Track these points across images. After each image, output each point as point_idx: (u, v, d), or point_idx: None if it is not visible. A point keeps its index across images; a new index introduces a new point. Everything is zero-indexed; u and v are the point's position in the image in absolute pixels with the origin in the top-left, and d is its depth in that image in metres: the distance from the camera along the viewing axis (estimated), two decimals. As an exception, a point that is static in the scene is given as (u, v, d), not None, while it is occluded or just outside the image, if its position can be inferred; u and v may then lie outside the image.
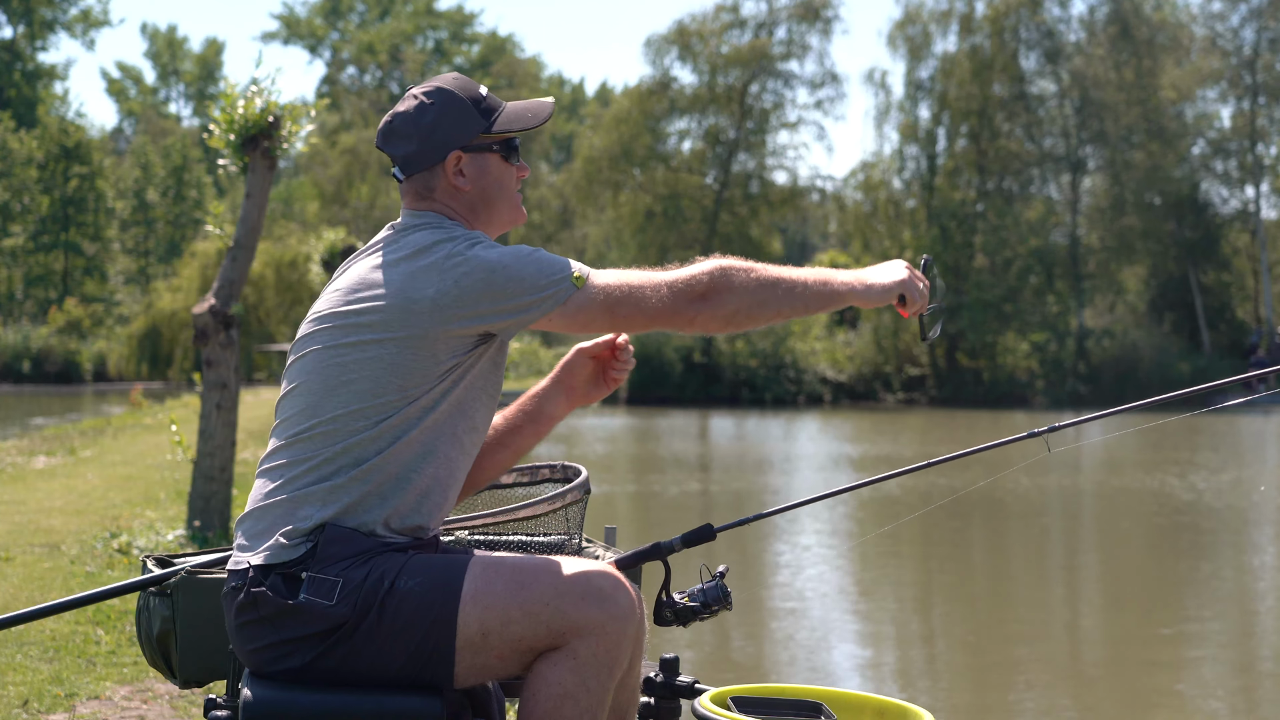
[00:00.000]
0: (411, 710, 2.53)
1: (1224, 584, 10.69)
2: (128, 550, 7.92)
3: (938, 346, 41.03)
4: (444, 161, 2.75)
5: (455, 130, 2.75)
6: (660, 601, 2.72)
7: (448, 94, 2.77)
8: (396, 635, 2.52)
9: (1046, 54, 43.23)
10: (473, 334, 2.62)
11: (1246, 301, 45.13)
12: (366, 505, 2.61)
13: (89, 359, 42.60)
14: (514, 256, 2.63)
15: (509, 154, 2.80)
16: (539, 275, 2.61)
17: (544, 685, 2.51)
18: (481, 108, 2.77)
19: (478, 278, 2.60)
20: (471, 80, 2.84)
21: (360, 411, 2.60)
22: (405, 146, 2.77)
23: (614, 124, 43.86)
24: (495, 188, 2.79)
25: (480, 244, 2.65)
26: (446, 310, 2.59)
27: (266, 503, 2.65)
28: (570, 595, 2.51)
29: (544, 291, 2.61)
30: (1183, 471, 18.20)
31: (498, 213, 2.81)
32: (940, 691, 7.11)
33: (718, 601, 2.74)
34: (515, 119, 2.79)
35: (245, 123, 7.98)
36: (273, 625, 2.56)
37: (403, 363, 2.59)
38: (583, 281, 2.62)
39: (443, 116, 2.75)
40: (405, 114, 2.77)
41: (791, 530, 12.88)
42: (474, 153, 2.76)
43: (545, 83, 74.78)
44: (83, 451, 15.41)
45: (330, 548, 2.57)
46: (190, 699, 4.86)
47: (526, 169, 2.87)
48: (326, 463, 2.61)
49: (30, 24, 62.96)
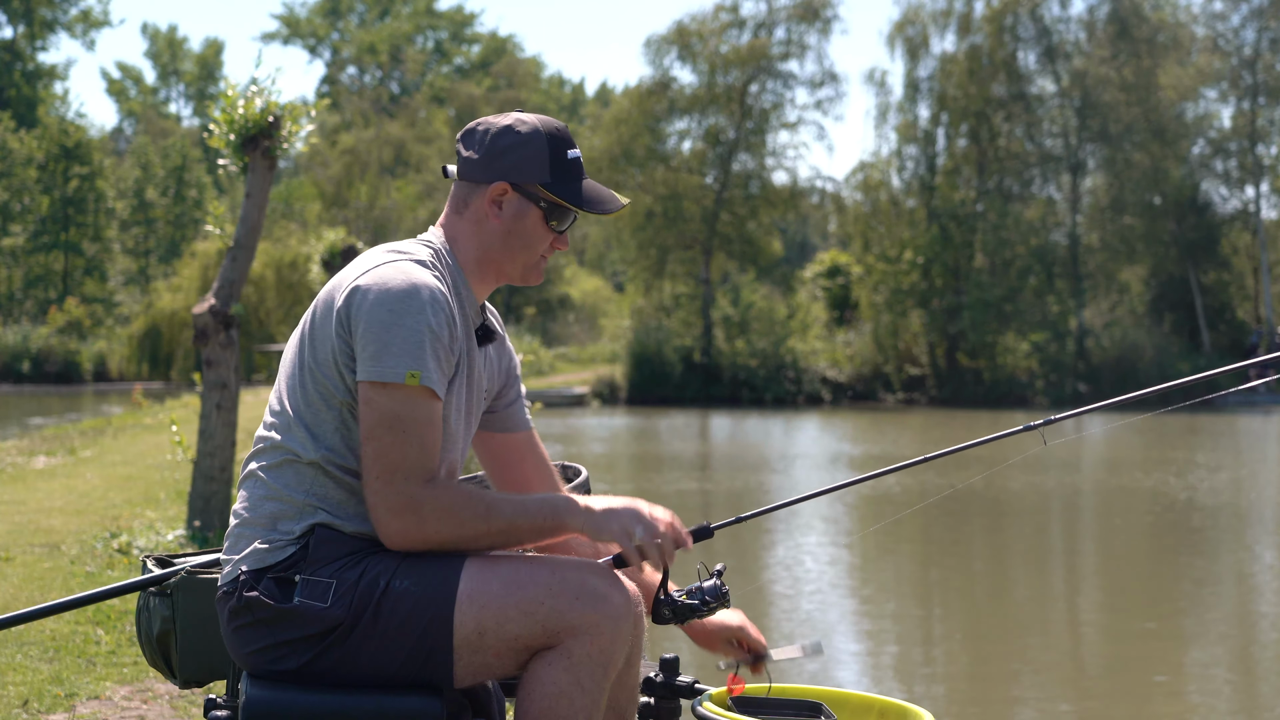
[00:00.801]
0: (411, 710, 2.53)
1: (1223, 583, 10.70)
2: (128, 550, 7.92)
3: (938, 346, 41.03)
4: (490, 185, 2.71)
5: (520, 165, 2.70)
6: (659, 600, 2.71)
7: (536, 132, 2.72)
8: (393, 635, 2.52)
9: (1046, 54, 43.23)
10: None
11: (1246, 301, 45.12)
12: (352, 504, 2.61)
13: (89, 359, 42.59)
14: (395, 316, 2.54)
15: (555, 217, 2.72)
16: (390, 345, 2.53)
17: (539, 685, 2.52)
18: (558, 163, 2.71)
19: (367, 308, 2.55)
20: (569, 138, 2.76)
21: (327, 415, 2.62)
22: (471, 152, 2.74)
23: (614, 124, 43.85)
24: (521, 239, 2.72)
25: (411, 280, 2.56)
26: (343, 334, 2.60)
27: (254, 504, 2.66)
28: (565, 595, 2.51)
29: (382, 358, 2.52)
30: (1182, 470, 18.19)
31: (513, 263, 2.74)
32: (940, 691, 7.11)
33: (716, 599, 2.73)
34: (580, 193, 2.72)
35: (245, 123, 7.98)
36: (268, 628, 2.56)
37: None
38: (415, 380, 2.52)
39: (519, 147, 2.71)
40: (492, 124, 2.75)
41: (791, 529, 12.88)
42: (523, 196, 2.71)
43: (545, 83, 74.80)
44: (83, 451, 15.40)
45: (322, 549, 2.57)
46: (190, 699, 4.86)
47: (566, 243, 2.79)
48: (310, 465, 2.61)
49: (30, 24, 62.96)
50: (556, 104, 74.67)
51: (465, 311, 2.71)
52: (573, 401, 35.30)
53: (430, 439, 2.56)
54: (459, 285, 2.71)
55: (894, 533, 13.30)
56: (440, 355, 2.56)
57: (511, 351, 2.94)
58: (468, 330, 2.71)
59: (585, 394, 36.87)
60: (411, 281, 2.57)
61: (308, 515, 2.60)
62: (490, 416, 2.89)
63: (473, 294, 2.74)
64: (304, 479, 2.61)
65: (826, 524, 13.48)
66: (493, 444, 2.91)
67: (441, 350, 2.57)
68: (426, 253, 2.69)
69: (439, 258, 2.70)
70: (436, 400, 2.56)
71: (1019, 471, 18.32)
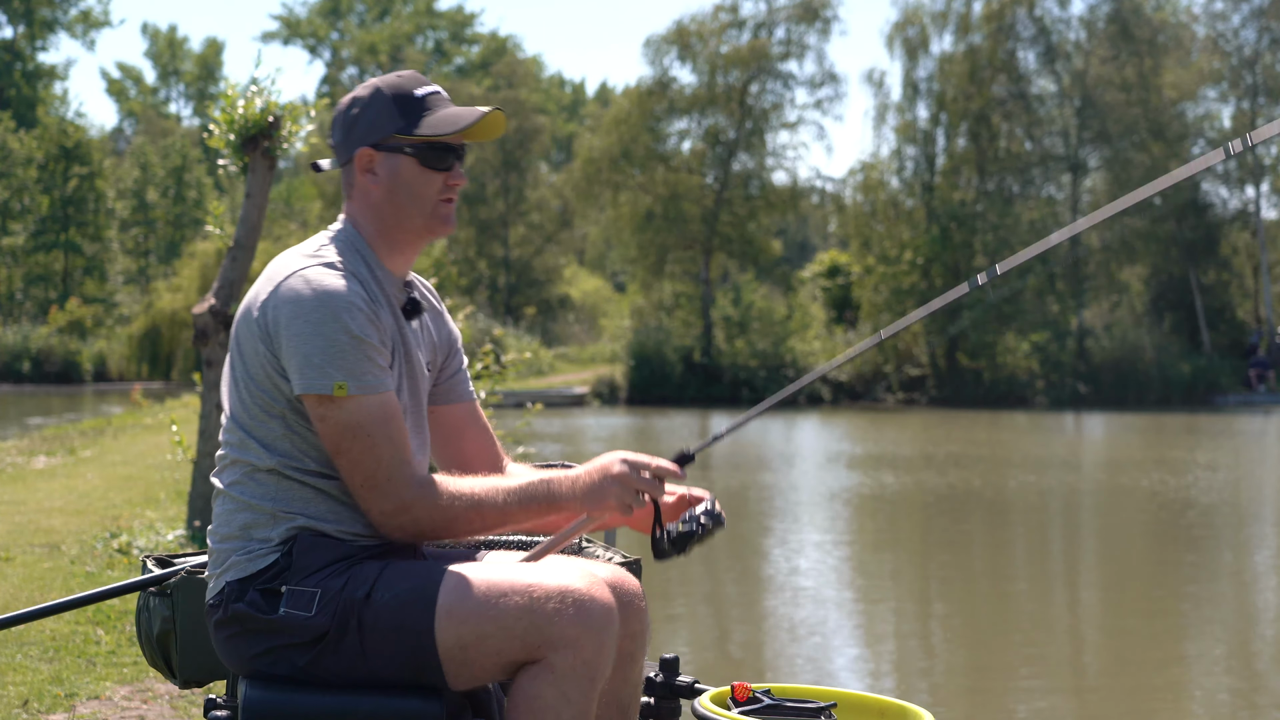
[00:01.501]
0: (411, 710, 2.53)
1: (1224, 582, 10.70)
2: (128, 550, 7.92)
3: (938, 347, 41.01)
4: (355, 157, 2.68)
5: (371, 126, 2.66)
6: (655, 538, 2.67)
7: (377, 90, 2.68)
8: (380, 645, 2.51)
9: (1046, 54, 43.22)
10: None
11: (1246, 301, 45.11)
12: (322, 504, 2.60)
13: (89, 359, 42.56)
14: (312, 328, 2.52)
15: (429, 159, 2.66)
16: (312, 358, 2.51)
17: (524, 699, 2.48)
18: (406, 106, 2.66)
19: (281, 318, 2.54)
20: (419, 79, 2.72)
21: (272, 424, 2.61)
22: (333, 137, 2.73)
23: (614, 124, 43.84)
24: (406, 193, 2.66)
25: (313, 282, 2.54)
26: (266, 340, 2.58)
27: (226, 518, 2.64)
28: (544, 609, 2.46)
29: (308, 371, 2.51)
30: (1181, 470, 18.19)
31: (409, 219, 2.68)
32: (940, 691, 7.11)
33: (712, 519, 2.68)
34: (436, 124, 2.65)
35: (245, 123, 7.98)
36: (257, 637, 2.56)
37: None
38: (343, 393, 2.50)
39: (365, 109, 2.68)
40: (340, 104, 2.73)
41: (790, 528, 12.88)
42: (387, 152, 2.66)
43: (545, 83, 74.77)
44: (83, 451, 15.40)
45: (306, 556, 2.56)
46: (190, 699, 4.86)
47: (461, 179, 2.71)
48: (269, 473, 2.60)
49: (30, 24, 62.93)
50: (556, 104, 74.69)
51: (386, 293, 2.67)
52: (573, 401, 35.30)
53: (397, 435, 2.54)
54: (372, 267, 2.67)
55: (894, 533, 13.29)
56: (369, 353, 2.53)
57: (451, 323, 2.90)
58: (394, 312, 2.67)
59: (585, 394, 36.86)
60: (323, 289, 2.53)
61: (282, 521, 2.58)
62: (433, 390, 2.85)
63: (389, 271, 2.69)
64: (268, 488, 2.60)
65: (826, 523, 13.48)
66: (435, 416, 2.86)
67: (369, 349, 2.53)
68: (333, 247, 2.65)
69: (346, 246, 2.66)
70: (384, 395, 2.53)
71: (1019, 471, 18.31)
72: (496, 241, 50.48)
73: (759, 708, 2.66)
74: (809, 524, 13.31)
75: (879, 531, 13.32)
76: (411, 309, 2.73)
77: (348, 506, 2.61)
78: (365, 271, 2.65)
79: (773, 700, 2.68)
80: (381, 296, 2.65)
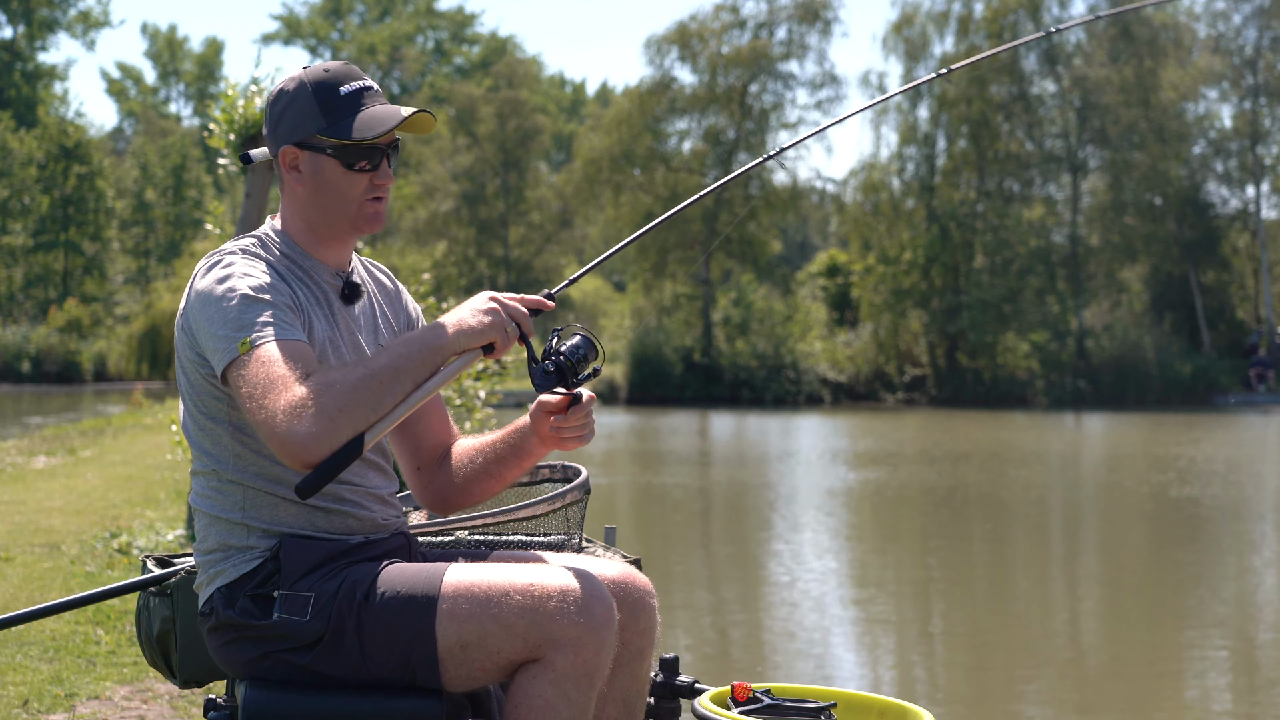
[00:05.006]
0: (411, 710, 2.53)
1: (1225, 581, 10.70)
2: (128, 550, 7.92)
3: (938, 346, 41.00)
4: (280, 154, 2.64)
5: (294, 125, 2.61)
6: (532, 367, 2.64)
7: (301, 84, 2.62)
8: (379, 647, 2.50)
9: (1046, 55, 43.20)
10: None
11: (1246, 301, 45.11)
12: (294, 515, 2.59)
13: (89, 359, 42.56)
14: (210, 302, 2.48)
15: (352, 160, 2.60)
16: (216, 332, 2.47)
17: (524, 698, 2.48)
18: (329, 105, 2.60)
19: (194, 314, 2.53)
20: (349, 73, 2.65)
21: (220, 432, 2.60)
22: (265, 129, 2.69)
23: (614, 124, 43.85)
24: (330, 192, 2.62)
25: (214, 270, 2.52)
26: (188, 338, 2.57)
27: (204, 531, 2.64)
28: (544, 609, 2.46)
29: (217, 345, 2.47)
30: (1180, 469, 18.19)
31: (334, 218, 2.64)
32: (940, 691, 7.11)
33: (586, 344, 2.66)
34: (359, 125, 2.59)
35: (245, 123, 7.98)
36: (252, 643, 2.55)
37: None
38: (246, 348, 2.42)
39: (289, 106, 2.63)
40: (269, 94, 2.71)
41: (790, 528, 12.88)
42: (311, 151, 2.61)
43: (545, 83, 74.77)
44: (83, 451, 15.40)
45: (294, 560, 2.54)
46: (190, 699, 4.86)
47: (388, 178, 2.65)
48: (233, 483, 2.59)
49: (30, 24, 62.91)
50: (556, 104, 74.67)
51: (315, 280, 2.66)
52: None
53: (298, 370, 2.42)
54: (296, 259, 2.65)
55: (894, 532, 13.29)
56: (267, 301, 2.48)
57: (410, 303, 2.87)
58: (323, 299, 2.65)
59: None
60: (213, 264, 2.54)
61: (256, 531, 2.58)
62: None
63: (317, 261, 2.67)
64: (234, 499, 2.59)
65: (826, 523, 13.47)
66: None
67: (268, 294, 2.49)
68: (245, 242, 2.63)
69: (263, 243, 2.65)
70: (287, 341, 2.44)
71: (1019, 470, 18.31)
72: (496, 241, 50.46)
73: (759, 708, 2.66)
74: (809, 524, 13.30)
75: (879, 531, 13.32)
76: (350, 293, 2.70)
77: (321, 511, 2.60)
78: (286, 263, 2.64)
79: (773, 700, 2.69)
80: (309, 283, 2.64)
